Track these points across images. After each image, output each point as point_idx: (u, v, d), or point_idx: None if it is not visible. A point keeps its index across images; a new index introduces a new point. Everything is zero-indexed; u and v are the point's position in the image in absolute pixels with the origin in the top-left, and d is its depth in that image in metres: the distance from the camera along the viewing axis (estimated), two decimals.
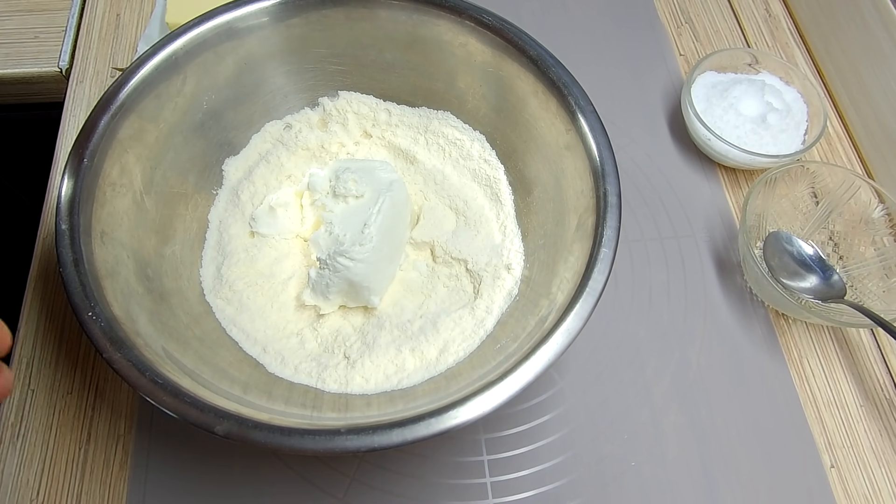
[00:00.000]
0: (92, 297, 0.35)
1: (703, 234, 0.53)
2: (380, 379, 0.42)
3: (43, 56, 0.57)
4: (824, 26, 0.61)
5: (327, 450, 0.32)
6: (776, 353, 0.48)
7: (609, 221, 0.38)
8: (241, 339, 0.43)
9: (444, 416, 0.33)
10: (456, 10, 0.45)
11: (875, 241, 0.49)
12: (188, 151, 0.45)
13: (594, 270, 0.36)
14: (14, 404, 0.44)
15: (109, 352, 0.33)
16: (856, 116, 0.58)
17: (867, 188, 0.49)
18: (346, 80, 0.50)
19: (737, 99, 0.54)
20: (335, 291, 0.44)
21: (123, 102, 0.41)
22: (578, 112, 0.42)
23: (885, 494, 0.43)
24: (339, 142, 0.51)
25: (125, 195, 0.41)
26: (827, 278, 0.49)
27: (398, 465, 0.43)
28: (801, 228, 0.51)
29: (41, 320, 0.47)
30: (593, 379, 0.47)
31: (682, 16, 0.65)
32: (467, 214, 0.48)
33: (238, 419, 0.32)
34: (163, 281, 0.41)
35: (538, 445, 0.44)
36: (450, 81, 0.49)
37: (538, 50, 0.44)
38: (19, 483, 0.42)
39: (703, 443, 0.45)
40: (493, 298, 0.44)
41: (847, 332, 0.49)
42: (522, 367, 0.34)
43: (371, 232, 0.43)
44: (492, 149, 0.50)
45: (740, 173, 0.56)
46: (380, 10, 0.46)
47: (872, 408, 0.46)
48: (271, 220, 0.47)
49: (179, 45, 0.43)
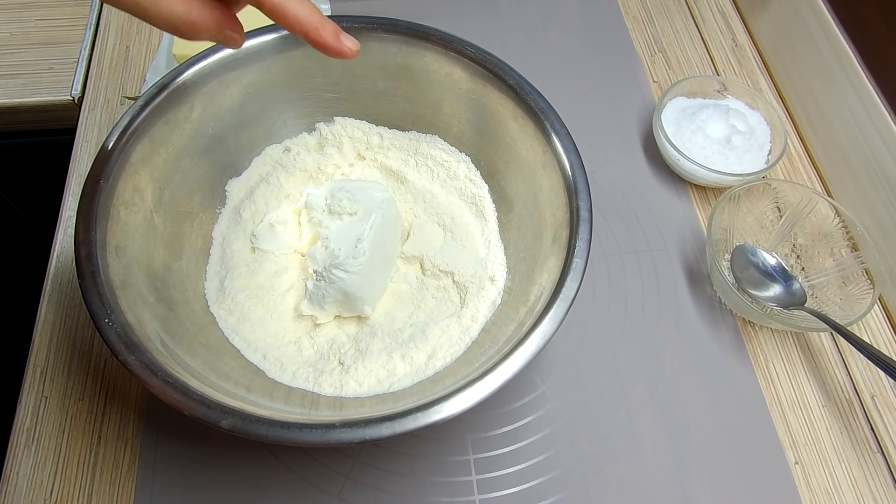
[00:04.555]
0: (108, 306, 0.38)
1: (674, 247, 0.56)
2: (372, 383, 0.44)
3: (57, 86, 0.61)
4: (784, 55, 0.65)
5: (323, 442, 0.35)
6: (743, 358, 0.51)
7: (581, 234, 0.42)
8: (242, 347, 0.46)
9: (429, 411, 0.36)
10: (442, 42, 0.49)
11: (833, 252, 0.53)
12: (195, 173, 0.49)
13: (567, 279, 0.40)
14: (29, 410, 0.47)
15: (124, 354, 0.36)
16: (815, 138, 0.62)
17: (825, 204, 0.53)
18: (341, 107, 0.54)
19: (704, 122, 0.58)
20: (331, 302, 0.47)
21: (136, 128, 0.44)
22: (553, 134, 0.45)
23: (844, 488, 0.46)
24: (334, 164, 0.54)
25: (137, 213, 0.44)
26: (789, 287, 0.52)
27: (390, 464, 0.46)
28: (767, 241, 0.55)
29: (55, 332, 0.50)
30: (573, 383, 0.50)
31: (655, 45, 0.70)
32: (454, 230, 0.51)
33: (242, 415, 0.35)
34: (171, 292, 0.45)
35: (521, 445, 0.47)
36: (437, 107, 0.53)
37: (517, 78, 0.48)
38: (34, 484, 0.44)
39: (676, 441, 0.48)
40: (478, 308, 0.47)
41: (809, 337, 0.53)
42: (501, 366, 0.37)
43: (364, 246, 0.46)
44: (476, 169, 0.53)
45: (709, 191, 0.60)
46: (372, 42, 0.50)
47: (833, 408, 0.50)
48: (271, 237, 0.50)
49: (188, 75, 0.47)
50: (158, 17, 0.30)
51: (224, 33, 0.32)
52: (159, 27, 0.30)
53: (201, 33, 0.31)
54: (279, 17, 0.31)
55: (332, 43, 0.33)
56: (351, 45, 0.33)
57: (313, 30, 0.32)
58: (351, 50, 0.33)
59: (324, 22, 0.32)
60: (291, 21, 0.31)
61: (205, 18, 0.30)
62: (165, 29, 0.30)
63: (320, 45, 0.33)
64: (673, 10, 0.73)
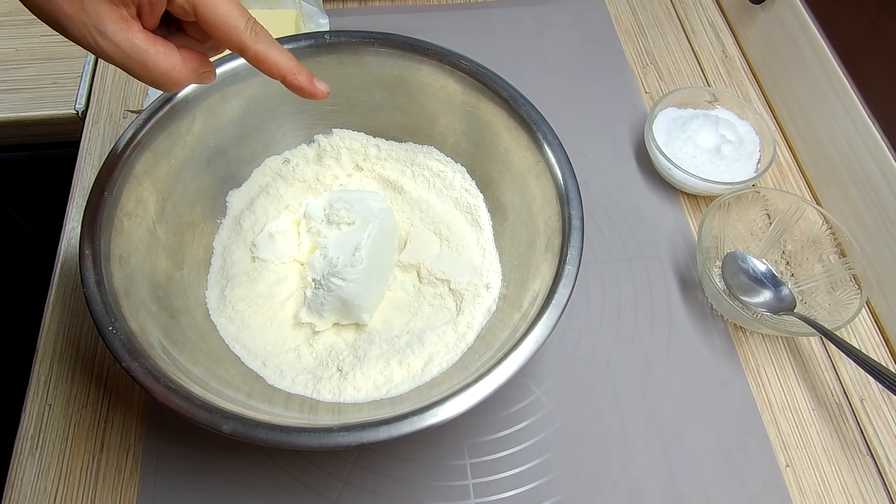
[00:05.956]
0: (112, 314, 0.39)
1: (667, 254, 0.57)
2: (370, 389, 0.45)
3: (61, 100, 0.62)
4: (773, 67, 0.67)
5: (321, 445, 0.35)
6: (735, 363, 0.52)
7: (573, 242, 0.43)
8: (243, 355, 0.47)
9: (426, 415, 0.36)
10: (437, 56, 0.51)
11: (822, 258, 0.54)
12: (196, 184, 0.50)
13: (559, 285, 0.41)
14: (33, 418, 0.48)
15: (128, 361, 0.37)
16: (803, 147, 0.63)
17: (813, 211, 0.54)
18: (339, 119, 0.55)
19: (694, 132, 0.59)
20: (329, 310, 0.48)
21: (139, 141, 0.45)
22: (546, 145, 0.47)
23: (835, 490, 0.47)
24: (333, 174, 0.55)
25: (140, 224, 0.45)
26: (778, 293, 0.53)
27: (388, 469, 0.47)
28: (757, 248, 0.56)
29: (58, 341, 0.51)
30: (567, 388, 0.51)
31: (647, 57, 0.71)
32: (450, 239, 0.52)
33: (242, 419, 0.36)
34: (173, 301, 0.46)
35: (516, 449, 0.48)
36: (433, 119, 0.54)
37: (510, 91, 0.49)
38: (38, 490, 0.45)
39: (668, 445, 0.48)
40: (474, 315, 0.48)
41: (799, 342, 0.54)
42: (496, 370, 0.38)
43: (362, 255, 0.47)
44: (472, 179, 0.54)
45: (700, 199, 0.61)
46: (368, 56, 0.52)
47: (823, 411, 0.50)
48: (271, 246, 0.51)
49: (190, 89, 0.48)
50: (147, 77, 0.34)
51: (200, 76, 0.36)
52: (143, 81, 0.34)
53: (181, 84, 0.35)
54: (261, 65, 0.36)
55: (306, 86, 0.37)
56: (322, 87, 0.38)
57: (290, 74, 0.37)
58: (322, 92, 0.38)
59: (299, 68, 0.37)
60: (272, 67, 0.36)
61: (184, 72, 0.35)
62: (151, 84, 0.35)
63: (296, 87, 0.37)
64: (664, 22, 0.74)
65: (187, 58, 0.35)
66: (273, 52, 0.36)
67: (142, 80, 0.34)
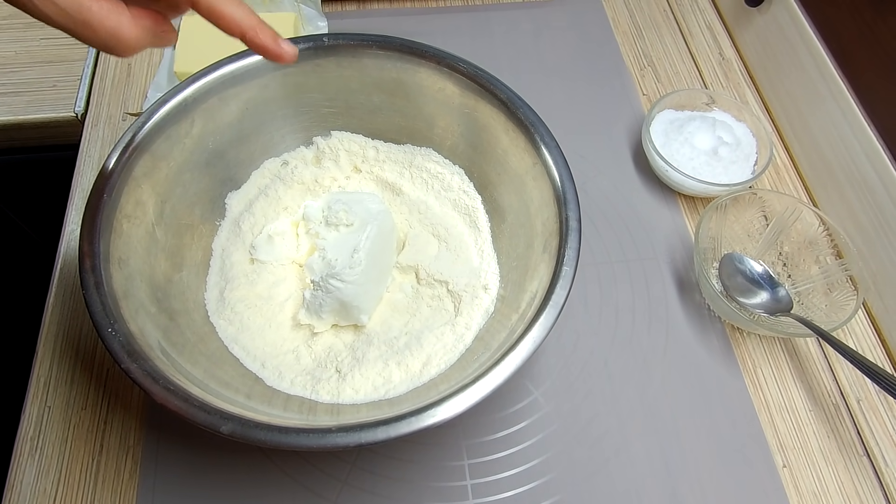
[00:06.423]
0: (111, 315, 0.39)
1: (664, 256, 0.58)
2: (368, 390, 0.45)
3: (60, 102, 0.62)
4: (770, 69, 0.67)
5: (320, 446, 0.36)
6: (732, 364, 0.52)
7: (570, 243, 0.43)
8: (242, 356, 0.47)
9: (424, 415, 0.37)
10: (435, 58, 0.51)
11: (819, 259, 0.54)
12: (195, 187, 0.50)
13: (556, 286, 0.41)
14: (32, 420, 0.48)
15: (127, 363, 0.37)
16: (800, 149, 0.63)
17: (810, 212, 0.54)
18: (337, 121, 0.55)
19: (691, 134, 0.59)
20: (328, 311, 0.48)
21: (138, 143, 0.45)
22: (543, 147, 0.47)
23: (831, 490, 0.47)
24: (331, 176, 0.56)
25: (139, 226, 0.45)
26: (775, 294, 0.53)
27: (386, 470, 0.47)
28: (754, 249, 0.56)
29: (58, 343, 0.51)
30: (565, 389, 0.51)
31: (644, 59, 0.71)
32: (448, 240, 0.53)
33: (241, 420, 0.36)
34: (172, 303, 0.46)
35: (515, 450, 0.48)
36: (431, 121, 0.54)
37: (508, 93, 0.49)
38: (37, 492, 0.45)
39: (666, 446, 0.49)
40: (472, 316, 0.48)
41: (796, 343, 0.54)
42: (493, 371, 0.38)
43: (360, 257, 0.47)
44: (470, 181, 0.55)
45: (698, 201, 0.61)
46: (367, 59, 0.52)
47: (820, 412, 0.51)
48: (270, 248, 0.51)
49: (189, 92, 0.48)
50: (93, 38, 0.30)
51: (156, 36, 0.33)
52: (92, 45, 0.31)
53: (134, 47, 0.32)
54: (215, 19, 0.32)
55: (270, 45, 0.33)
56: (288, 48, 0.34)
57: (250, 30, 0.33)
58: (288, 53, 0.34)
59: (262, 25, 0.33)
60: (229, 22, 0.32)
61: (135, 31, 0.31)
62: (101, 48, 0.31)
63: (258, 46, 0.33)
64: (662, 25, 0.74)
65: (138, 15, 0.31)
66: (229, 4, 0.32)
67: (89, 43, 0.31)
